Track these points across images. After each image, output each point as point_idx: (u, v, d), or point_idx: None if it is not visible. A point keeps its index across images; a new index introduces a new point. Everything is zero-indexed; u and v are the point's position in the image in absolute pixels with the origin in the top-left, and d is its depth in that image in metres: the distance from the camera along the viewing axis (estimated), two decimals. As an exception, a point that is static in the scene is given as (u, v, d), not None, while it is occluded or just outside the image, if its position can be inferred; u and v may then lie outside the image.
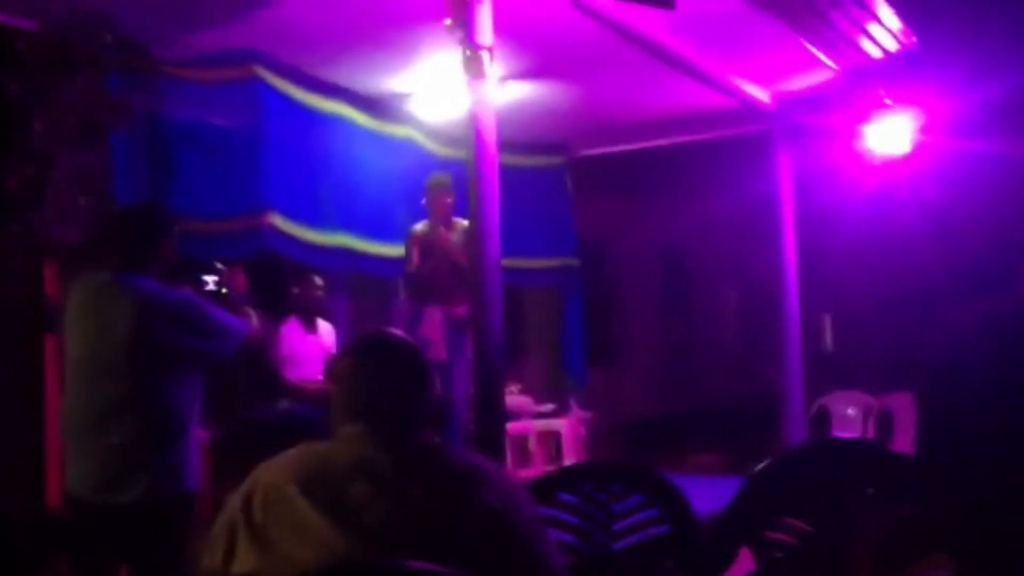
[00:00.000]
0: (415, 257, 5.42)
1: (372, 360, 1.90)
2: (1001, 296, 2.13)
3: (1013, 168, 5.66)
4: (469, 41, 3.71)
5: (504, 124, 6.54)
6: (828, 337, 7.52)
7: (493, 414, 3.78)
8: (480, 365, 3.74)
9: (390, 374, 1.88)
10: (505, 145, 6.86)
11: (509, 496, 1.79)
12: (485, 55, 3.72)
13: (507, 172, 6.87)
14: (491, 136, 3.83)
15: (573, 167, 7.61)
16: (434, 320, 5.46)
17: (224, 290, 4.54)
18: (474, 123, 3.80)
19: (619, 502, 2.66)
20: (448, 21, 3.77)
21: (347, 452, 1.78)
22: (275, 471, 1.72)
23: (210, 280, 4.80)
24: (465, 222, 5.30)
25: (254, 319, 3.76)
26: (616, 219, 8.98)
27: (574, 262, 7.47)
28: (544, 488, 2.63)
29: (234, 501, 1.71)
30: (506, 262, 6.98)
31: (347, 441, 1.80)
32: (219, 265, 4.61)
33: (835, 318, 7.45)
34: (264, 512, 1.67)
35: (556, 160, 7.44)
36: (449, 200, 5.35)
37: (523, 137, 6.94)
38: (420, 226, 5.48)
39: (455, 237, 5.32)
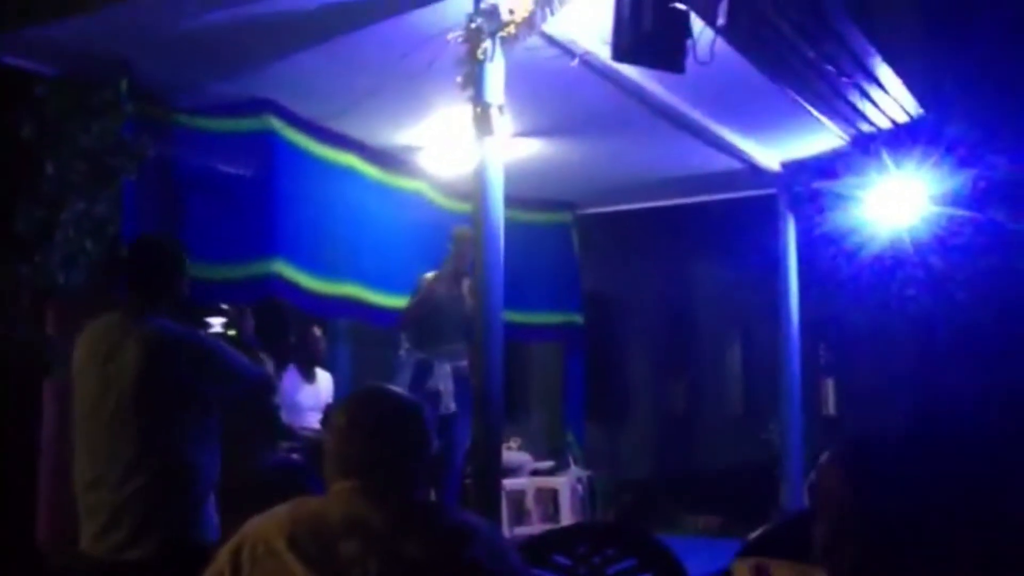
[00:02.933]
0: (422, 306, 5.46)
1: (367, 415, 1.88)
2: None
3: (1017, 239, 5.68)
4: (479, 98, 3.76)
5: (513, 180, 6.60)
6: (831, 401, 7.49)
7: (490, 468, 3.76)
8: (479, 419, 3.73)
9: (384, 430, 1.86)
10: (513, 201, 6.92)
11: (500, 557, 1.78)
12: (495, 112, 3.76)
13: (514, 228, 6.89)
14: (498, 192, 3.87)
15: (580, 224, 7.68)
16: (443, 372, 5.49)
17: (232, 332, 4.55)
18: (481, 179, 3.83)
19: (612, 564, 2.65)
20: (459, 78, 3.82)
21: (339, 508, 1.76)
22: (265, 526, 1.71)
23: (216, 322, 4.83)
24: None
25: (267, 363, 3.72)
26: (622, 277, 9.01)
27: (578, 319, 7.49)
28: (538, 549, 2.62)
29: (222, 555, 1.70)
30: (510, 317, 7.04)
31: (339, 497, 1.79)
32: (225, 306, 4.62)
33: (839, 383, 7.43)
34: (252, 567, 1.66)
35: (563, 217, 7.51)
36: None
37: (531, 193, 7.01)
38: (429, 276, 5.53)
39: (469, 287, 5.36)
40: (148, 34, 4.26)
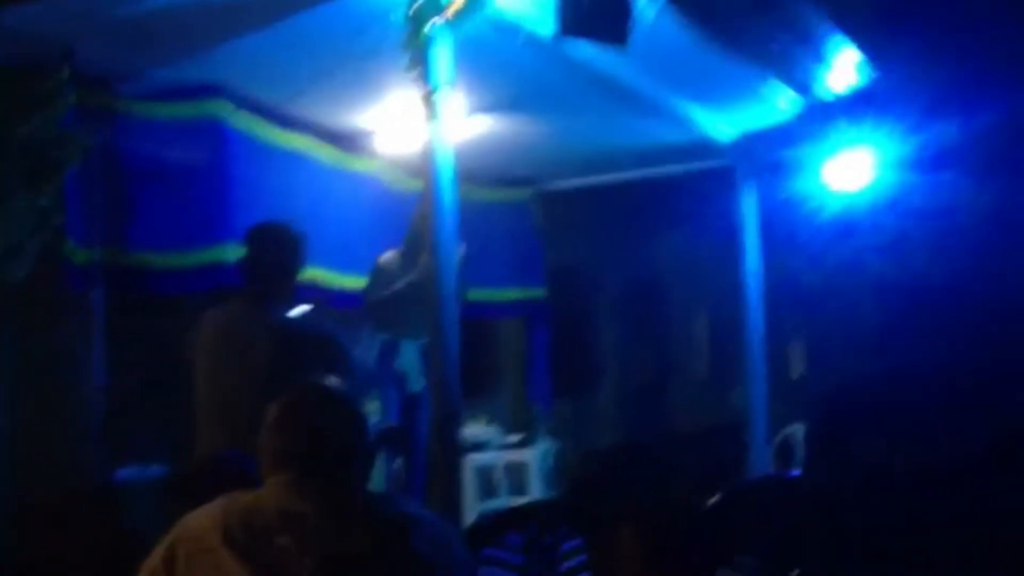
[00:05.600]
0: (382, 286, 5.43)
1: (299, 408, 1.88)
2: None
3: (968, 200, 5.74)
4: (425, 80, 3.73)
5: (471, 157, 6.62)
6: (795, 366, 7.56)
7: (449, 443, 3.77)
8: (437, 397, 3.74)
9: (316, 422, 1.85)
10: (472, 178, 6.97)
11: (443, 548, 1.78)
12: (442, 95, 3.73)
13: (474, 206, 6.98)
14: (448, 173, 3.85)
15: (543, 199, 7.66)
16: (409, 352, 5.49)
17: None
18: (431, 160, 3.81)
19: (566, 542, 2.66)
20: (406, 61, 3.79)
21: (273, 502, 1.75)
22: (198, 522, 1.70)
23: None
24: None
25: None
26: (590, 251, 9.00)
27: (540, 293, 7.50)
28: (490, 531, 2.63)
29: (156, 554, 1.69)
30: (473, 294, 7.07)
31: (273, 490, 1.78)
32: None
33: (804, 346, 7.51)
34: (187, 566, 1.65)
35: (523, 193, 7.49)
36: None
37: (490, 170, 6.98)
38: (388, 256, 5.50)
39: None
40: (91, 19, 4.16)
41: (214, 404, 3.12)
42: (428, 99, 3.70)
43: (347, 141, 5.88)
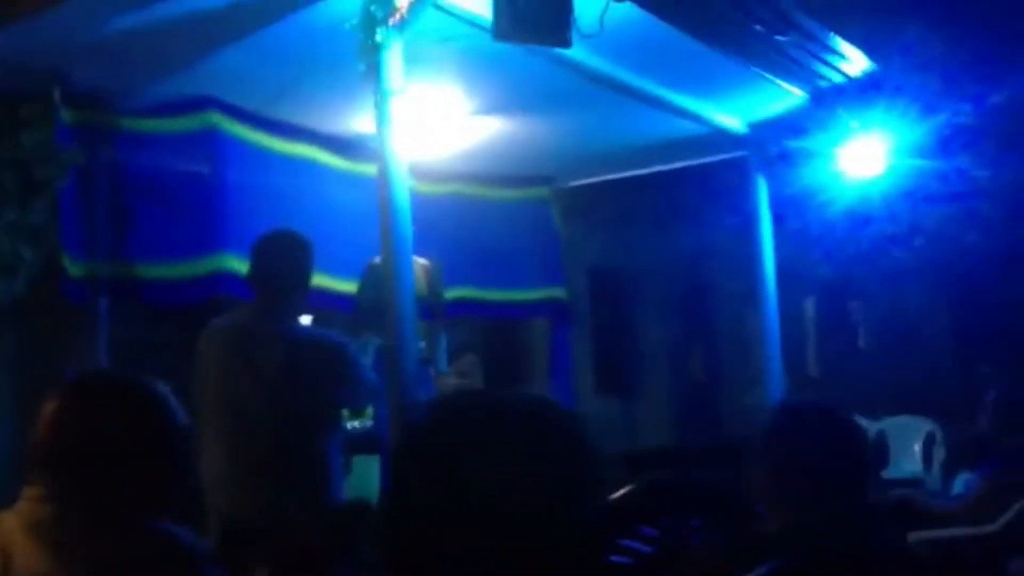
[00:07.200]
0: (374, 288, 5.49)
1: (73, 405, 1.61)
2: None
3: (978, 186, 5.56)
4: (378, 86, 3.78)
5: (484, 159, 6.70)
6: (812, 362, 7.40)
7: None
8: (394, 401, 3.75)
9: (89, 424, 1.58)
10: (485, 178, 7.03)
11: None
12: (395, 100, 3.78)
13: (488, 206, 7.03)
14: (402, 181, 3.91)
15: (564, 197, 7.65)
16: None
17: None
18: (384, 167, 3.88)
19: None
20: (361, 67, 3.84)
21: (21, 518, 1.57)
22: (7, 523, 1.60)
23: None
24: (422, 260, 5.39)
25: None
26: (618, 247, 8.97)
27: (562, 293, 7.48)
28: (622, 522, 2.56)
29: None
30: (492, 295, 7.11)
31: (25, 505, 1.58)
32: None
33: (820, 343, 7.33)
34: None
35: (541, 192, 7.48)
36: None
37: (505, 170, 7.01)
38: (379, 259, 5.56)
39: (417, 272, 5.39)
40: (78, 41, 4.31)
41: (222, 416, 3.14)
42: (380, 105, 3.74)
43: (346, 145, 5.96)
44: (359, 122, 5.72)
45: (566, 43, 3.41)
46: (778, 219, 6.40)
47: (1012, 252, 5.50)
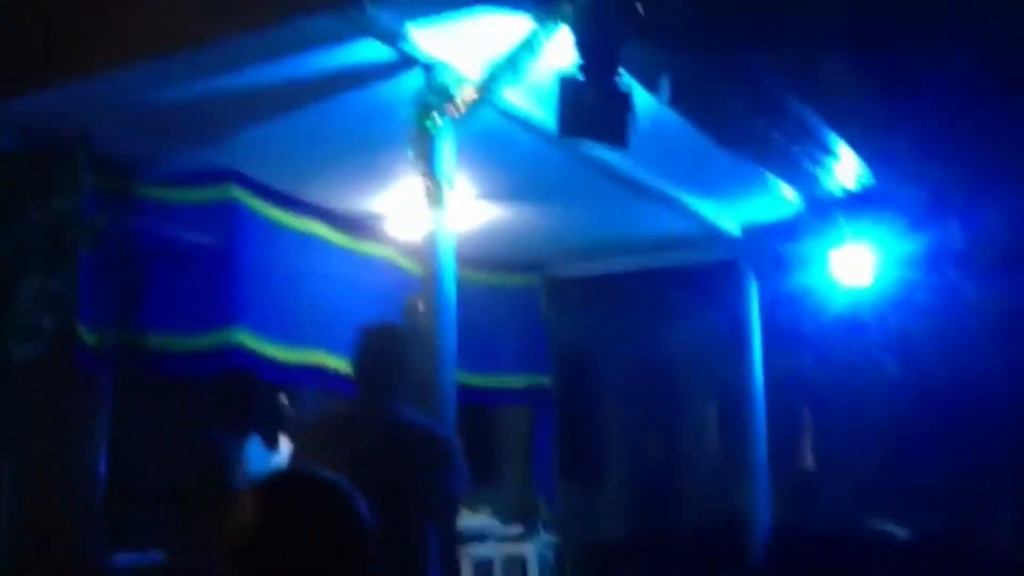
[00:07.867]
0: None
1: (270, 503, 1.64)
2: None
3: (966, 301, 5.78)
4: (429, 172, 3.83)
5: (477, 243, 6.74)
6: (803, 459, 7.51)
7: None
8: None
9: (283, 516, 1.62)
10: (479, 263, 7.07)
11: None
12: (445, 187, 3.82)
13: (479, 290, 7.05)
14: (450, 263, 3.92)
15: (551, 285, 7.71)
16: None
17: None
18: (433, 249, 3.89)
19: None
20: (409, 152, 3.89)
21: None
22: None
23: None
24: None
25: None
26: (594, 336, 9.04)
27: (545, 381, 7.49)
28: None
29: None
30: (475, 380, 7.08)
31: None
32: None
33: (810, 442, 7.46)
34: None
35: (530, 279, 7.53)
36: None
37: (497, 256, 7.06)
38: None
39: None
40: (109, 107, 4.32)
41: None
42: (430, 191, 3.78)
43: (359, 225, 5.98)
44: (372, 201, 5.76)
45: (624, 143, 3.50)
46: (769, 321, 6.54)
47: (1007, 368, 5.70)
